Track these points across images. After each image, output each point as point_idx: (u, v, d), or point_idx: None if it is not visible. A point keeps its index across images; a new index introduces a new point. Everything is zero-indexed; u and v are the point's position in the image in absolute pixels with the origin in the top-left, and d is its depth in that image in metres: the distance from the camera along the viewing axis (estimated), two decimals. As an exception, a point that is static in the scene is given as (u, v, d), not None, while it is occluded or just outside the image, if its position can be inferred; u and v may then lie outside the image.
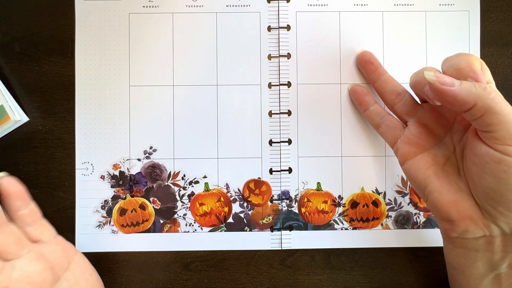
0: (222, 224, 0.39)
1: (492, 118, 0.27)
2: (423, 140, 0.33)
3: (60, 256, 0.32)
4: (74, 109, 0.38)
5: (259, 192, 0.39)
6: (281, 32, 0.39)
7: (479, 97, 0.27)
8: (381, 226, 0.39)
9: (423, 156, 0.33)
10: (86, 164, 0.38)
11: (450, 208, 0.31)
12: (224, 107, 0.39)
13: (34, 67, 0.38)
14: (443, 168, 0.32)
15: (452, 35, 0.39)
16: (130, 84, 0.38)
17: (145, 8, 0.39)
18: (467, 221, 0.30)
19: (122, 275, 0.38)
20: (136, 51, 0.39)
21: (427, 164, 0.32)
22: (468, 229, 0.30)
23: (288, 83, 0.39)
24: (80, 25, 0.38)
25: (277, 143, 0.39)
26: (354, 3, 0.39)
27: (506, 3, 0.39)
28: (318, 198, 0.39)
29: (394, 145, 0.35)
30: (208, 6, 0.39)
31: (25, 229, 0.31)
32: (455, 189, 0.31)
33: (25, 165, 0.38)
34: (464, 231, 0.31)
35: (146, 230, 0.38)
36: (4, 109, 0.36)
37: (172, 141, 0.39)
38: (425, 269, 0.39)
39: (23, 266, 0.29)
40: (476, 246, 0.31)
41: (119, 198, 0.38)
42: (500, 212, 0.29)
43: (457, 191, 0.31)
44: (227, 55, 0.39)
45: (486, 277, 0.31)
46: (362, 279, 0.39)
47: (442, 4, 0.39)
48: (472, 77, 0.28)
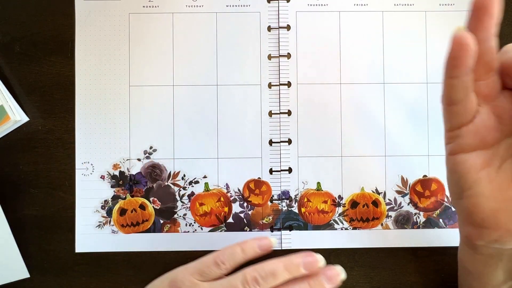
0: (222, 224, 0.39)
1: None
2: (491, 134, 0.26)
3: None
4: (74, 109, 0.38)
5: (259, 192, 0.39)
6: (281, 32, 0.39)
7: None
8: (381, 226, 0.39)
9: (482, 154, 0.27)
10: (86, 164, 0.38)
11: (489, 216, 0.27)
12: (224, 107, 0.39)
13: (34, 67, 0.38)
14: (498, 171, 0.27)
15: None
16: (130, 84, 0.38)
17: (145, 8, 0.39)
18: (503, 231, 0.27)
19: (122, 275, 0.38)
20: (136, 51, 0.39)
21: (483, 164, 0.27)
22: (501, 240, 0.27)
23: (288, 83, 0.39)
24: (80, 25, 0.38)
25: (277, 143, 0.39)
26: (354, 3, 0.39)
27: (506, 3, 0.39)
28: (318, 198, 0.39)
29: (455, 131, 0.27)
30: (208, 6, 0.39)
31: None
32: (503, 197, 0.27)
33: (25, 165, 0.38)
34: (494, 240, 0.27)
35: (146, 230, 0.38)
36: (4, 109, 0.36)
37: (172, 141, 0.39)
38: (425, 269, 0.39)
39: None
40: (500, 255, 0.28)
41: (119, 198, 0.38)
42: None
43: (504, 200, 0.27)
44: (227, 55, 0.39)
45: (504, 285, 0.30)
46: (362, 279, 0.39)
47: (442, 4, 0.39)
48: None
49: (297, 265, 0.32)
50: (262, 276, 0.31)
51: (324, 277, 0.32)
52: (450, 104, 0.27)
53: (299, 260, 0.32)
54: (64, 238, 0.38)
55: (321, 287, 0.31)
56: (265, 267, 0.31)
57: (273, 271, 0.31)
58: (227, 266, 0.32)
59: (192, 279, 0.32)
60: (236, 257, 0.32)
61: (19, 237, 0.37)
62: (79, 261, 0.38)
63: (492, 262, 0.29)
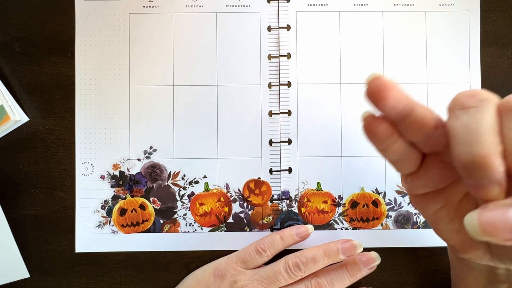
0: (222, 224, 0.39)
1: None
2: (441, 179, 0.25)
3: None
4: (74, 109, 0.38)
5: (259, 192, 0.39)
6: (281, 32, 0.39)
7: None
8: (381, 226, 0.39)
9: (435, 195, 0.26)
10: (86, 164, 0.38)
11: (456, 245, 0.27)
12: (224, 107, 0.39)
13: (34, 67, 0.38)
14: (457, 208, 0.26)
15: (452, 35, 0.39)
16: (130, 84, 0.38)
17: (145, 8, 0.39)
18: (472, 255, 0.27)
19: (122, 275, 0.38)
20: (136, 51, 0.39)
21: (439, 204, 0.26)
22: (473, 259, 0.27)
23: (288, 83, 0.39)
24: (80, 25, 0.38)
25: (277, 143, 0.39)
26: (354, 3, 0.39)
27: (506, 3, 0.39)
28: (318, 198, 0.39)
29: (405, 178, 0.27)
30: (208, 6, 0.39)
31: None
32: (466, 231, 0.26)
33: (25, 165, 0.38)
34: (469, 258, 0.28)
35: (146, 230, 0.38)
36: (4, 109, 0.36)
37: (172, 141, 0.39)
38: (425, 269, 0.39)
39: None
40: (480, 268, 0.29)
41: (119, 198, 0.38)
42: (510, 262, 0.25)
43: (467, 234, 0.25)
44: (227, 55, 0.39)
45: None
46: (362, 279, 0.39)
47: (442, 4, 0.39)
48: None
49: (336, 251, 0.34)
50: (303, 261, 0.33)
51: (361, 262, 0.34)
52: (391, 163, 0.25)
53: (338, 246, 0.34)
54: (64, 238, 0.38)
55: (358, 271, 0.34)
56: (306, 253, 0.33)
57: (313, 256, 0.33)
58: (268, 254, 0.34)
59: (236, 267, 0.34)
60: (276, 245, 0.34)
61: (19, 237, 0.37)
62: (79, 261, 0.38)
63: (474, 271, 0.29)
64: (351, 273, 0.34)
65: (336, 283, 0.33)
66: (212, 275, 0.34)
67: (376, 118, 0.23)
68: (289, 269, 0.33)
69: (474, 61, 0.39)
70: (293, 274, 0.33)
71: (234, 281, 0.33)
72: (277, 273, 0.32)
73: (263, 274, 0.33)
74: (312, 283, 0.32)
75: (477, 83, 0.39)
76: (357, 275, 0.34)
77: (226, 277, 0.33)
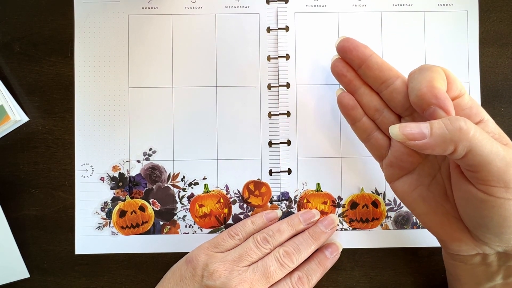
0: (222, 225, 0.39)
1: (474, 160, 0.25)
2: (406, 161, 0.31)
3: None
4: (74, 109, 0.38)
5: (258, 194, 0.39)
6: (280, 33, 0.39)
7: (456, 140, 0.25)
8: (381, 226, 0.39)
9: (408, 178, 0.32)
10: (86, 165, 0.38)
11: (439, 230, 0.31)
12: (223, 109, 0.39)
13: (34, 67, 0.38)
14: (429, 189, 0.31)
15: (451, 35, 0.39)
16: (130, 86, 0.38)
17: (144, 9, 0.39)
18: (458, 242, 0.30)
19: (122, 275, 0.39)
20: (136, 52, 0.39)
21: (411, 186, 0.31)
22: (460, 249, 0.30)
23: (287, 84, 0.39)
24: (79, 26, 0.38)
25: (277, 144, 0.39)
26: (352, 4, 0.39)
27: (505, 3, 0.39)
28: (318, 199, 0.39)
29: (381, 165, 0.34)
30: (207, 7, 0.39)
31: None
32: (442, 211, 0.31)
33: (25, 165, 0.38)
34: (457, 250, 0.31)
35: (145, 231, 0.39)
36: (4, 109, 0.36)
37: (172, 142, 0.39)
38: (425, 269, 0.39)
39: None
40: (472, 261, 0.31)
41: (118, 200, 0.39)
42: (489, 238, 0.28)
43: (444, 214, 0.31)
44: (226, 56, 0.39)
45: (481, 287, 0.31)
46: (362, 279, 0.39)
47: (441, 4, 0.39)
48: (435, 104, 0.26)
49: (298, 220, 0.36)
50: (269, 234, 0.35)
51: (321, 224, 0.36)
52: (364, 142, 0.35)
53: (299, 217, 0.36)
54: (64, 238, 0.38)
55: (321, 233, 0.36)
56: (271, 227, 0.36)
57: (278, 228, 0.35)
58: (240, 237, 0.35)
59: (208, 251, 0.35)
60: (247, 228, 0.36)
61: (19, 237, 0.38)
62: (79, 262, 0.38)
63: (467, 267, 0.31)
64: (314, 236, 0.35)
65: (302, 248, 0.34)
66: (185, 263, 0.35)
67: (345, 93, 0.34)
68: (258, 243, 0.34)
69: (473, 61, 0.39)
70: (262, 247, 0.34)
71: (206, 265, 0.33)
72: (248, 249, 0.34)
73: (233, 253, 0.34)
74: (280, 252, 0.34)
75: (476, 83, 0.39)
76: (320, 238, 0.36)
77: (199, 262, 0.34)
